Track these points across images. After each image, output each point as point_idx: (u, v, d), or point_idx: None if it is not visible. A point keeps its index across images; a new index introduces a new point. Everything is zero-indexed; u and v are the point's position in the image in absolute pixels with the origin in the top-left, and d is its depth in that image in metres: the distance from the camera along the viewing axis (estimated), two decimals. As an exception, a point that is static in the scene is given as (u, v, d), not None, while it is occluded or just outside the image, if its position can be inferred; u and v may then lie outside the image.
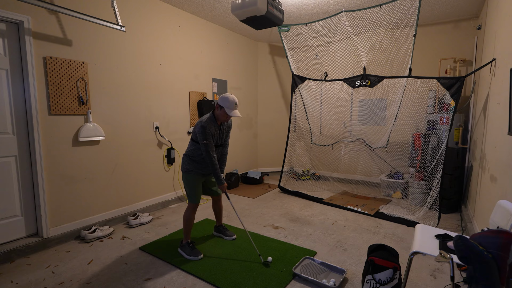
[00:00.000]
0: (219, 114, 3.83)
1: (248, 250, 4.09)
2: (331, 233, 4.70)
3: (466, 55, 6.19)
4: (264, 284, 3.30)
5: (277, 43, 8.69)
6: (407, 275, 2.72)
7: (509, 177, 2.91)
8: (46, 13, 4.10)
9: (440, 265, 3.66)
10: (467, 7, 5.64)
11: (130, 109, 5.24)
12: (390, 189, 6.62)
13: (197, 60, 6.59)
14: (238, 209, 5.84)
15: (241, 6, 4.26)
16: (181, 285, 3.31)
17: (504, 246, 1.86)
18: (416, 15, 4.98)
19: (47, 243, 4.20)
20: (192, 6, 5.92)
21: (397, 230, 4.77)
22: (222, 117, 3.83)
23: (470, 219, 4.71)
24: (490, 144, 3.85)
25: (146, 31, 5.42)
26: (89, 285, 3.31)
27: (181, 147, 6.25)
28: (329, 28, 6.25)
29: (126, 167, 5.24)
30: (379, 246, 3.08)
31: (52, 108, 4.19)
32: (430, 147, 5.48)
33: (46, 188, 4.21)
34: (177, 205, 6.09)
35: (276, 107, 8.86)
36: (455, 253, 2.06)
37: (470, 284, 1.87)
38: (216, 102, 4.12)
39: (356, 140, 6.93)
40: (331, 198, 6.42)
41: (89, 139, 4.57)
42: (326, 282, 3.24)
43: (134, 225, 4.96)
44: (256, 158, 9.01)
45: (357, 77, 5.96)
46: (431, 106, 5.80)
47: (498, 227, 2.38)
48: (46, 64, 4.11)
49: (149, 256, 3.95)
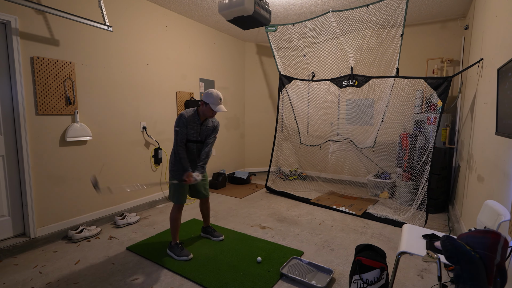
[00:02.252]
0: (204, 110, 3.83)
1: (235, 250, 4.08)
2: (318, 233, 4.68)
3: (453, 55, 6.21)
4: (251, 284, 3.29)
5: (264, 43, 8.67)
6: (394, 275, 2.70)
7: (497, 177, 2.90)
8: (34, 13, 4.07)
9: (428, 265, 3.65)
10: (454, 7, 5.66)
11: (117, 109, 5.21)
12: (377, 189, 6.62)
13: (185, 60, 6.56)
14: (225, 209, 5.81)
15: (228, 6, 4.25)
16: (168, 285, 3.30)
17: (491, 246, 1.86)
18: (403, 15, 4.98)
19: (35, 243, 4.17)
20: (179, 6, 5.89)
21: (384, 230, 4.76)
22: (208, 112, 3.83)
23: (457, 219, 4.72)
24: (478, 144, 3.86)
25: (133, 31, 5.39)
26: (76, 285, 3.29)
27: (169, 147, 6.21)
28: (317, 28, 6.24)
29: (113, 167, 5.21)
30: (367, 246, 3.07)
31: (39, 108, 4.16)
32: (418, 147, 5.48)
33: (34, 188, 4.18)
34: (164, 205, 6.04)
35: (263, 107, 8.84)
36: (442, 253, 2.06)
37: (457, 284, 1.86)
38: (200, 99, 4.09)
39: (343, 140, 6.92)
40: (319, 198, 6.40)
41: (76, 139, 4.54)
42: (314, 283, 3.22)
43: (121, 225, 4.92)
44: (243, 158, 8.98)
45: (344, 77, 5.95)
46: (418, 106, 5.81)
47: (485, 227, 2.37)
48: (33, 64, 4.08)
49: (136, 256, 3.93)
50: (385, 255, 3.02)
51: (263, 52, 8.73)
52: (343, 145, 7.07)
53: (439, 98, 4.77)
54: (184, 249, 3.91)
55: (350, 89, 6.06)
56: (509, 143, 2.57)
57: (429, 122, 5.55)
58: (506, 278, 1.97)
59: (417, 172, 5.39)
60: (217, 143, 7.60)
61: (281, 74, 6.99)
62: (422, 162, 5.20)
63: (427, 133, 5.52)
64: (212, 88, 7.34)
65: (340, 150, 7.21)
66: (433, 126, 5.41)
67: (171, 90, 6.24)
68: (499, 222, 2.23)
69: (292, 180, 8.09)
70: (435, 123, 5.26)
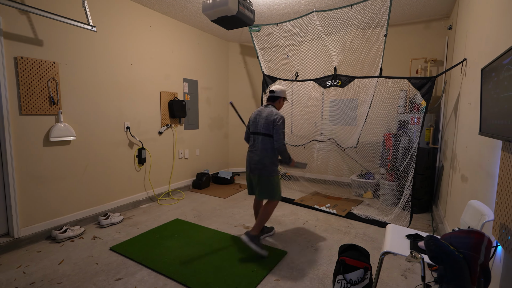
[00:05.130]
0: (282, 105, 4.37)
1: (219, 250, 4.07)
2: (302, 233, 4.66)
3: (437, 55, 6.25)
4: (235, 284, 3.29)
5: (248, 43, 8.63)
6: (378, 275, 2.70)
7: (480, 177, 2.91)
8: (17, 13, 4.05)
9: (411, 265, 3.65)
10: (438, 7, 5.68)
11: (101, 109, 5.18)
12: (361, 189, 6.63)
13: (168, 60, 6.51)
14: (209, 209, 5.77)
15: (212, 6, 4.23)
16: (152, 285, 3.28)
17: (475, 246, 1.86)
18: (387, 15, 4.97)
19: (18, 243, 4.16)
20: (163, 6, 5.84)
21: (368, 230, 4.76)
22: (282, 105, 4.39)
23: (441, 219, 4.74)
24: (461, 144, 3.87)
25: (117, 31, 5.35)
26: (60, 285, 3.28)
27: (152, 147, 6.17)
28: (300, 28, 6.22)
29: (97, 167, 5.18)
30: (350, 246, 3.06)
31: (23, 108, 4.14)
32: (401, 147, 5.49)
33: (17, 188, 4.16)
34: (148, 205, 5.98)
35: (247, 107, 8.76)
36: (426, 253, 2.06)
37: (441, 284, 1.86)
38: (278, 96, 4.18)
39: (327, 140, 6.92)
40: (302, 199, 6.38)
41: (60, 139, 4.51)
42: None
43: (105, 225, 4.90)
44: (227, 158, 8.94)
45: (328, 77, 5.93)
46: (402, 106, 5.83)
47: (469, 227, 2.37)
48: (17, 64, 4.06)
49: (120, 256, 3.91)
50: (369, 255, 3.00)
51: (247, 52, 8.70)
52: (327, 145, 7.06)
53: (423, 98, 4.78)
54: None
55: (334, 89, 6.04)
56: (492, 143, 2.57)
57: (412, 122, 5.57)
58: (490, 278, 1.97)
59: (400, 172, 5.40)
60: (201, 143, 7.61)
61: (265, 74, 6.95)
62: (406, 162, 5.21)
63: (411, 133, 5.54)
64: (197, 91, 7.33)
65: (324, 150, 7.20)
66: (417, 126, 5.43)
67: (155, 90, 6.19)
68: (482, 222, 2.23)
69: (276, 180, 8.03)
70: (419, 123, 5.28)
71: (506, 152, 2.13)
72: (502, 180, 2.16)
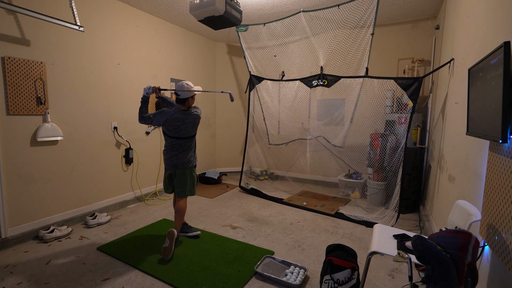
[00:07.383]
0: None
1: (206, 250, 4.06)
2: (289, 233, 4.65)
3: (424, 55, 6.28)
4: (222, 284, 3.28)
5: (235, 43, 8.60)
6: (365, 275, 2.69)
7: (467, 177, 2.91)
8: (5, 13, 4.02)
9: (398, 265, 3.66)
10: (425, 7, 5.71)
11: (88, 109, 5.16)
12: (348, 189, 6.64)
13: (156, 60, 6.48)
14: (196, 209, 5.73)
15: (199, 6, 4.25)
16: (139, 285, 3.28)
17: (462, 246, 1.86)
18: (374, 15, 4.99)
19: (5, 243, 4.14)
20: (150, 6, 5.80)
21: (355, 230, 4.76)
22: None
23: (428, 219, 4.75)
24: (449, 144, 3.88)
25: (104, 31, 5.34)
26: (47, 285, 3.27)
27: (139, 147, 6.13)
28: (287, 28, 6.23)
29: (84, 167, 5.15)
30: (338, 246, 3.07)
31: (10, 108, 4.12)
32: (389, 147, 5.50)
33: (4, 188, 4.12)
34: (135, 205, 5.95)
35: (234, 107, 8.77)
36: (413, 253, 2.05)
37: (428, 284, 1.85)
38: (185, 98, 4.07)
39: (314, 139, 6.90)
40: (290, 198, 6.37)
41: (47, 139, 4.49)
42: (292, 281, 3.21)
43: (92, 225, 4.89)
44: (214, 158, 8.90)
45: (314, 77, 5.94)
46: (389, 106, 5.84)
47: (456, 227, 2.37)
48: (4, 64, 4.04)
49: (107, 256, 3.90)
50: (356, 255, 3.00)
51: (234, 52, 8.67)
52: (313, 145, 7.05)
53: (410, 98, 4.79)
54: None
55: (320, 89, 6.04)
56: (480, 143, 2.57)
57: (400, 122, 5.58)
58: (477, 278, 1.96)
59: (388, 172, 5.41)
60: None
61: (252, 74, 6.95)
62: (393, 162, 5.22)
63: (398, 133, 5.55)
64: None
65: (311, 150, 7.20)
66: (404, 126, 5.43)
67: (142, 90, 6.09)
68: (470, 222, 2.23)
69: (263, 180, 8.04)
70: (406, 123, 5.28)
71: (494, 152, 2.13)
72: (490, 180, 2.16)
